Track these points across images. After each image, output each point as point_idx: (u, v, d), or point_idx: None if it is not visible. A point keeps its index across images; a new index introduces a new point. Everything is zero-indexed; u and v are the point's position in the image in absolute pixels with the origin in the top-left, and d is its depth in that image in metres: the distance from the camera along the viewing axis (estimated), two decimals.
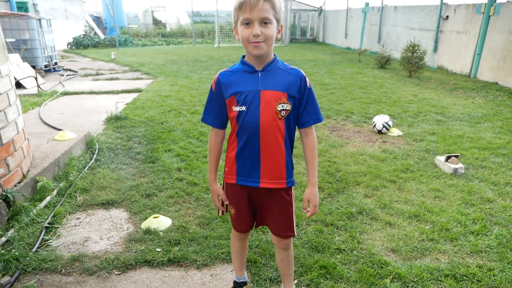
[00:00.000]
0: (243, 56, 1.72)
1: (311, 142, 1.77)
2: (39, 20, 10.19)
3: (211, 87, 1.75)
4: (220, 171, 2.52)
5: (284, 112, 1.66)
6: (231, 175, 1.80)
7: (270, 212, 1.83)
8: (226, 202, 1.89)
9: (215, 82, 1.72)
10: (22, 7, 13.70)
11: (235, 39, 23.34)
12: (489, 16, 8.91)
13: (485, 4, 8.99)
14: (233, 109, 1.69)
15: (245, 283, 2.19)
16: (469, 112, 6.20)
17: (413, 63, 9.53)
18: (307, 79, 1.72)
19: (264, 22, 1.54)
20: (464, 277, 2.33)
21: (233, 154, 1.75)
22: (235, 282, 2.20)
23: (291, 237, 1.90)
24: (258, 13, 1.51)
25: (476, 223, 2.93)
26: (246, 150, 1.71)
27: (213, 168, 1.88)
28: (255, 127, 1.66)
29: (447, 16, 10.64)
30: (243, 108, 1.66)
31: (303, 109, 1.72)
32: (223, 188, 1.90)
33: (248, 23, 1.55)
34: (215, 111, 1.77)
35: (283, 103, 1.65)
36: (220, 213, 1.97)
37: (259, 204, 1.84)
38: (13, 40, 9.70)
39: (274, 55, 1.70)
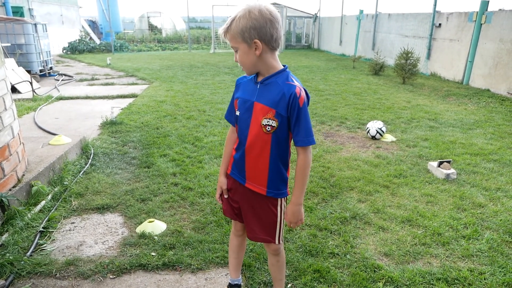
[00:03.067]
0: None
1: (300, 162, 1.72)
2: (35, 25, 10.19)
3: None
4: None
5: (269, 127, 1.67)
6: (230, 165, 1.93)
7: (253, 211, 1.87)
8: (226, 196, 1.97)
9: (236, 84, 1.87)
10: (18, 11, 13.70)
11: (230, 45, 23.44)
12: (481, 24, 9.05)
13: (477, 12, 9.14)
14: (236, 111, 1.82)
15: (239, 286, 2.21)
16: (462, 119, 6.29)
17: (406, 70, 9.64)
18: (301, 97, 1.64)
19: (236, 50, 1.67)
20: (455, 281, 2.36)
21: (234, 149, 1.89)
22: (229, 284, 2.22)
23: (275, 243, 1.90)
24: (230, 43, 1.66)
25: (467, 228, 2.98)
26: (240, 150, 1.82)
27: (224, 161, 1.97)
28: (244, 135, 1.76)
29: (440, 24, 10.79)
30: (238, 113, 1.79)
31: (293, 129, 1.68)
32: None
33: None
34: (232, 110, 1.88)
35: (269, 118, 1.66)
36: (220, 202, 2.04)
37: (243, 201, 1.89)
38: (8, 44, 9.69)
39: (285, 66, 1.71)
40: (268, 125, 1.67)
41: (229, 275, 2.24)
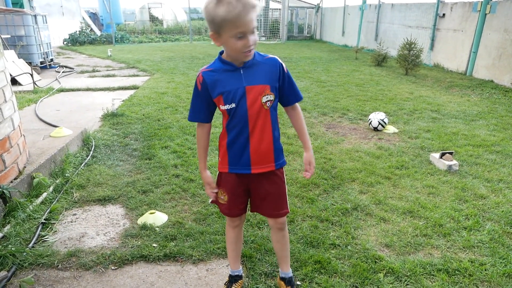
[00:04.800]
0: (221, 53, 1.77)
1: (298, 113, 1.94)
2: (35, 16, 10.14)
3: (196, 87, 1.80)
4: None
5: (269, 102, 1.77)
6: (223, 164, 1.90)
7: (266, 193, 1.92)
8: (215, 190, 1.97)
9: (201, 82, 1.77)
10: (17, 3, 13.60)
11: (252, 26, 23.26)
12: (485, 14, 8.95)
13: (481, 2, 9.02)
14: (221, 107, 1.78)
15: (240, 277, 2.22)
16: (464, 110, 6.25)
17: (409, 61, 9.56)
18: (283, 65, 1.82)
19: (253, 31, 1.61)
20: (456, 272, 2.36)
21: (224, 145, 1.85)
22: (230, 275, 2.23)
23: (286, 215, 2.02)
24: (251, 24, 1.57)
25: (469, 219, 2.97)
26: (237, 140, 1.81)
27: (202, 157, 1.96)
28: (245, 120, 1.76)
29: (444, 14, 10.67)
30: (232, 105, 1.75)
31: (285, 92, 1.85)
32: (219, 177, 1.98)
33: (242, 36, 1.59)
34: (203, 109, 1.85)
35: (267, 94, 1.76)
36: (210, 201, 2.05)
37: (254, 188, 1.94)
38: (8, 36, 9.65)
39: None
40: (268, 100, 1.76)
41: (229, 266, 2.25)
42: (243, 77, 1.73)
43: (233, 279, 2.20)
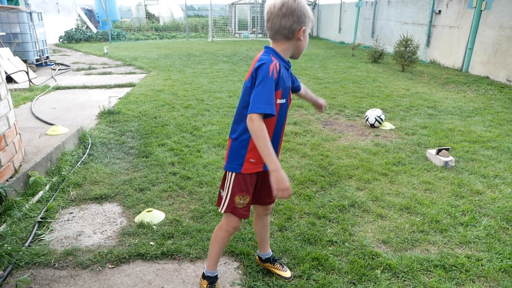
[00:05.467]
0: (274, 50, 1.80)
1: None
2: (30, 13, 10.06)
3: (270, 75, 1.67)
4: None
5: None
6: (257, 164, 1.89)
7: (268, 185, 1.85)
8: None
9: (277, 71, 1.70)
10: (12, 0, 13.50)
11: (228, 33, 23.26)
12: (481, 10, 8.96)
13: None
14: (278, 101, 1.79)
15: (217, 277, 2.19)
16: (461, 106, 6.26)
17: (406, 57, 9.57)
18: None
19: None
20: (453, 267, 2.38)
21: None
22: (210, 277, 2.15)
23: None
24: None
25: (465, 215, 2.98)
26: (275, 137, 1.89)
27: (275, 154, 1.71)
28: (285, 117, 1.91)
29: (440, 11, 10.68)
30: (284, 100, 1.84)
31: None
32: (239, 180, 1.89)
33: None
34: (273, 99, 1.72)
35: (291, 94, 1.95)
36: (227, 209, 1.96)
37: (262, 183, 2.01)
38: (3, 33, 9.56)
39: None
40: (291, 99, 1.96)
41: (207, 268, 2.16)
42: (290, 77, 1.91)
43: (215, 279, 2.16)
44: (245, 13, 23.51)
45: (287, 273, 2.29)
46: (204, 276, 2.17)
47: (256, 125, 1.66)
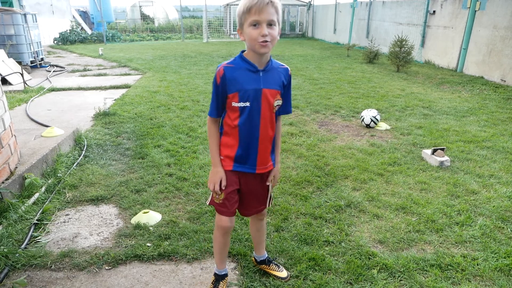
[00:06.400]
0: (242, 52, 1.84)
1: (280, 126, 2.04)
2: (24, 15, 10.01)
3: (215, 81, 1.82)
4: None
5: (277, 107, 1.90)
6: (228, 162, 1.93)
7: (256, 192, 2.04)
8: (224, 188, 1.95)
9: (221, 76, 1.80)
10: (7, 1, 13.41)
11: (224, 34, 23.27)
12: (475, 11, 9.03)
13: None
14: (233, 104, 1.81)
15: (226, 275, 2.23)
16: (455, 106, 6.31)
17: (400, 58, 9.62)
18: (291, 76, 1.98)
19: (270, 24, 1.70)
20: (449, 267, 2.39)
21: (234, 143, 1.89)
22: (217, 274, 2.21)
23: (269, 206, 2.18)
24: (266, 15, 1.67)
25: (461, 214, 3.00)
26: (247, 140, 1.87)
27: (217, 152, 1.95)
28: (257, 121, 1.85)
29: (434, 11, 10.75)
30: (247, 104, 1.81)
31: (286, 98, 1.96)
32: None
33: (256, 25, 1.69)
34: (220, 104, 1.86)
35: (278, 99, 1.89)
36: (210, 201, 2.05)
37: (246, 187, 2.01)
38: None
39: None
40: (277, 105, 1.90)
41: (215, 266, 2.23)
42: (262, 79, 1.82)
43: (220, 278, 2.20)
44: None
45: (283, 273, 2.30)
46: (214, 273, 2.25)
47: (207, 127, 1.95)
